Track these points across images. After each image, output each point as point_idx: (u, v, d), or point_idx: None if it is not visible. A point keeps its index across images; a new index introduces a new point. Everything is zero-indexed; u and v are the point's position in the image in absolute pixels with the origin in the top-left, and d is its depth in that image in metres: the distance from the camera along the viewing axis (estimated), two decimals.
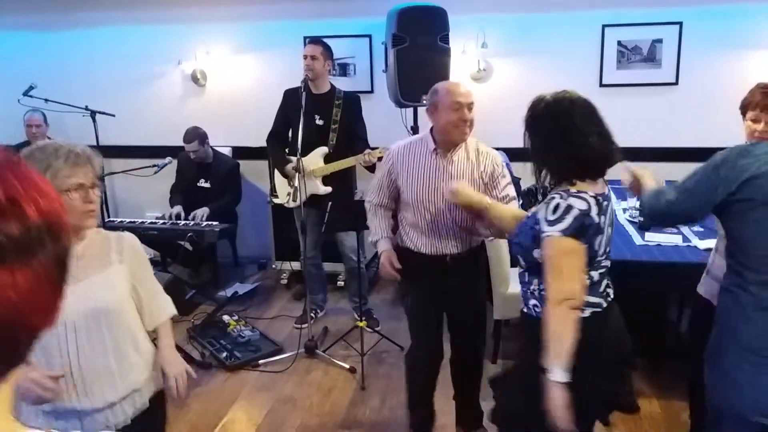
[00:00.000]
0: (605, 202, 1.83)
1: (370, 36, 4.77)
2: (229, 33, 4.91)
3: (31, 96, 4.43)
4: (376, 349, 3.65)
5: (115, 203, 4.81)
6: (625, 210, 3.65)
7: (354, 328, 3.69)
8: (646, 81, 4.48)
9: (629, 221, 3.50)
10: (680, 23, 4.36)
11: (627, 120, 4.51)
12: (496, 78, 4.67)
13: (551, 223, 1.76)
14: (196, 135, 4.39)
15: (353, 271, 3.99)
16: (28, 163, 1.00)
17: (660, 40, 4.42)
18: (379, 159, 3.72)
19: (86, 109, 4.51)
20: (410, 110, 4.42)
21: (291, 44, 4.61)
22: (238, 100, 5.00)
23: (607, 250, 1.91)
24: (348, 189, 4.14)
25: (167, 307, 1.97)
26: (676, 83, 4.44)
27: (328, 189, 3.86)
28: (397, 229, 2.79)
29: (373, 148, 3.69)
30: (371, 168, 3.81)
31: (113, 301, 1.77)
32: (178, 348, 2.16)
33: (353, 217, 3.53)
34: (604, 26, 4.46)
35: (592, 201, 1.77)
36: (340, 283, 4.57)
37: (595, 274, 1.86)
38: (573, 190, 1.79)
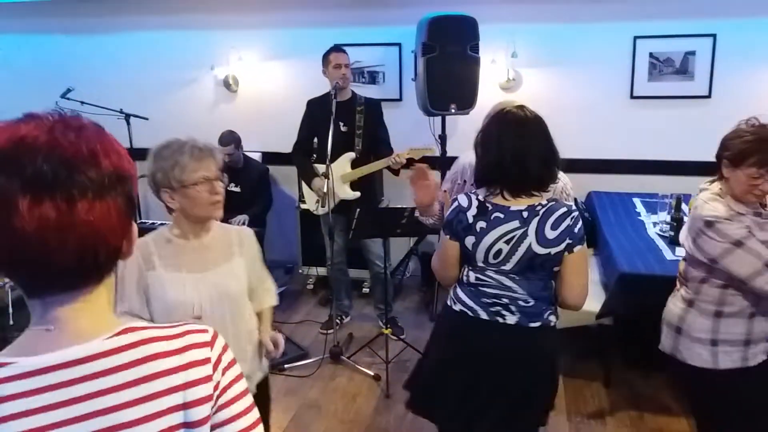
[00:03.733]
0: (498, 213, 1.90)
1: (399, 44, 4.80)
2: (261, 39, 4.98)
3: (68, 98, 4.54)
4: (400, 357, 3.67)
5: (147, 205, 4.89)
6: (655, 224, 3.62)
7: (379, 335, 3.71)
8: (678, 93, 4.43)
9: (659, 235, 3.47)
10: (714, 35, 4.31)
11: (658, 133, 4.49)
12: (525, 88, 4.67)
13: None
14: (231, 139, 4.47)
15: (379, 278, 4.02)
16: (159, 158, 1.73)
17: (693, 53, 4.37)
18: (408, 160, 3.75)
19: (121, 112, 4.61)
20: (438, 118, 4.45)
21: (321, 52, 4.64)
22: (268, 105, 5.07)
23: (503, 267, 1.93)
24: (374, 196, 4.17)
25: (272, 296, 2.12)
26: (709, 96, 4.39)
27: (357, 194, 3.89)
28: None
29: (419, 149, 3.74)
30: (397, 171, 3.84)
31: (237, 291, 1.90)
32: None
33: (379, 224, 3.57)
34: (635, 38, 4.42)
35: (475, 202, 1.94)
36: (365, 290, 4.60)
37: (472, 275, 1.99)
38: (473, 190, 2.00)
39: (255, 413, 0.95)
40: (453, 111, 4.26)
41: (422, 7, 4.40)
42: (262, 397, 2.05)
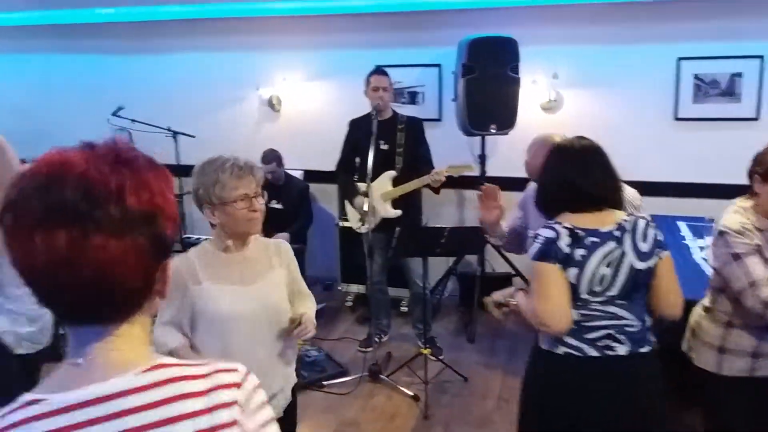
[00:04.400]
0: (592, 237, 1.84)
1: (439, 65, 4.86)
2: (305, 60, 5.10)
3: (119, 116, 4.72)
4: (439, 378, 3.66)
5: (192, 220, 5.02)
6: (701, 248, 3.55)
7: (418, 355, 3.71)
8: (724, 116, 4.36)
9: (706, 260, 3.40)
10: (761, 57, 4.24)
11: (703, 155, 4.42)
12: (566, 109, 4.66)
13: (531, 253, 1.92)
14: (273, 157, 4.57)
15: (418, 297, 4.03)
16: (201, 175, 1.79)
17: (740, 74, 4.30)
18: (448, 177, 3.77)
19: (169, 130, 4.76)
20: (478, 139, 4.47)
21: (362, 73, 4.71)
22: (310, 124, 5.17)
23: (609, 294, 1.84)
24: (415, 214, 4.19)
25: (312, 301, 2.14)
26: (757, 119, 4.30)
27: (398, 212, 3.92)
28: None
29: (458, 166, 3.78)
30: (437, 190, 3.86)
31: (279, 302, 1.95)
32: None
33: (420, 243, 3.59)
34: (679, 59, 4.38)
35: (564, 231, 1.84)
36: (404, 309, 4.61)
37: (574, 314, 1.85)
38: (550, 221, 1.92)
39: None
40: (493, 131, 4.28)
41: (462, 29, 4.46)
42: (296, 406, 2.09)
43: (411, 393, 3.52)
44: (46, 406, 0.79)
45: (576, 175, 1.89)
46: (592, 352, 1.85)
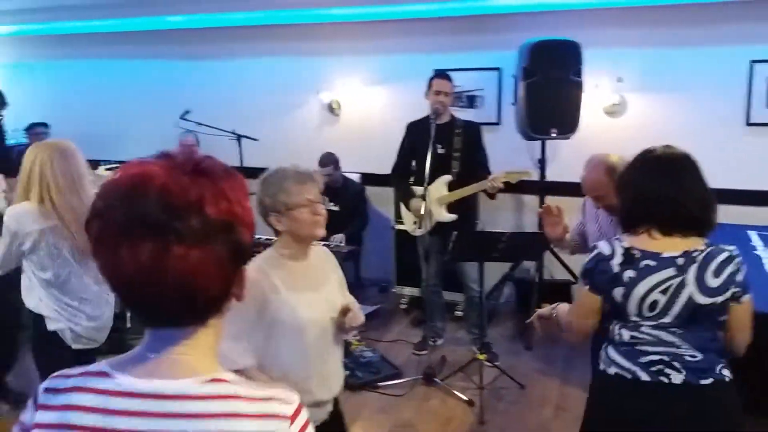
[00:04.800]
0: (649, 260, 1.73)
1: (499, 69, 4.82)
2: (364, 65, 5.16)
3: (186, 119, 4.90)
4: (495, 384, 3.63)
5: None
6: None
7: (473, 360, 3.68)
8: None
9: None
10: None
11: None
12: (631, 113, 4.54)
13: None
14: (331, 160, 4.65)
15: (473, 302, 4.00)
16: (266, 186, 1.83)
17: None
18: (505, 183, 3.73)
19: (233, 133, 4.91)
20: (538, 143, 4.41)
21: (420, 77, 4.73)
22: (368, 128, 5.23)
23: (662, 321, 1.75)
24: (471, 219, 4.17)
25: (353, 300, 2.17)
26: None
27: (453, 216, 3.91)
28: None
29: (515, 172, 3.75)
30: (493, 195, 3.83)
31: (339, 306, 2.00)
32: None
33: (477, 248, 3.57)
34: (752, 62, 4.20)
35: (620, 250, 1.77)
36: (458, 313, 4.59)
37: (626, 334, 1.80)
38: (615, 237, 1.86)
39: None
40: (554, 135, 4.21)
41: (523, 33, 4.41)
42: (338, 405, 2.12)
43: (466, 398, 3.50)
44: (112, 383, 0.84)
45: (671, 189, 1.76)
46: (644, 377, 1.78)
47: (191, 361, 0.86)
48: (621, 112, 4.55)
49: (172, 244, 0.78)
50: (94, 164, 5.77)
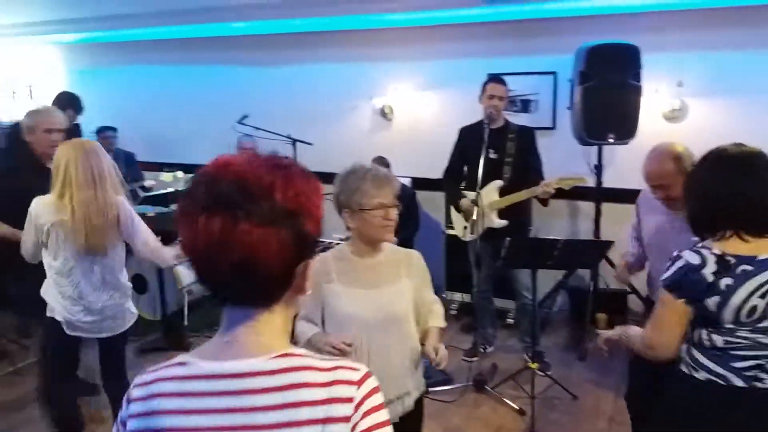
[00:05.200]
0: (745, 266, 1.64)
1: (554, 73, 4.75)
2: (417, 70, 5.18)
3: (244, 124, 5.02)
4: (547, 394, 3.57)
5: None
6: None
7: (525, 368, 3.63)
8: None
9: None
10: None
11: None
12: (692, 118, 4.40)
13: (665, 272, 1.77)
14: (382, 164, 4.66)
15: (525, 310, 3.95)
16: (344, 182, 1.92)
17: None
18: (558, 189, 3.67)
19: (288, 137, 5.00)
20: (594, 148, 4.31)
21: (474, 81, 4.70)
22: (419, 133, 5.24)
23: (760, 325, 1.67)
24: (523, 225, 4.11)
25: (439, 318, 2.15)
26: None
27: (504, 222, 3.87)
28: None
29: (569, 178, 3.69)
30: (545, 201, 3.77)
31: (402, 310, 2.01)
32: None
33: (530, 254, 3.51)
34: None
35: (712, 258, 1.68)
36: (510, 321, 4.54)
37: (718, 339, 1.72)
38: (699, 244, 1.74)
39: None
40: (611, 141, 4.12)
41: (580, 36, 4.34)
42: (418, 416, 2.11)
43: (517, 407, 3.45)
44: (191, 369, 0.92)
45: (755, 188, 1.69)
46: (738, 382, 1.71)
47: (261, 341, 0.93)
48: (681, 118, 4.41)
49: (240, 221, 0.86)
50: (158, 167, 6.01)
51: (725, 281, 1.66)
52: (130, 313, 2.84)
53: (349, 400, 0.90)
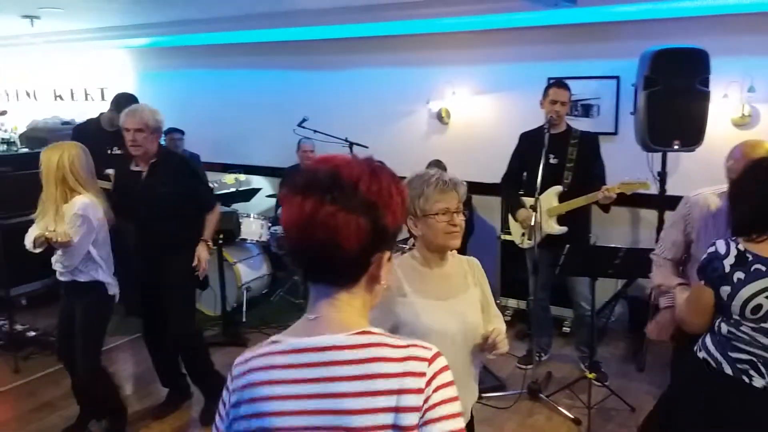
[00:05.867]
0: (759, 265, 1.78)
1: (618, 77, 4.65)
2: (475, 74, 5.16)
3: (303, 127, 5.12)
4: (603, 405, 3.49)
5: None
6: None
7: (581, 378, 3.57)
8: None
9: None
10: None
11: None
12: (764, 125, 4.22)
13: None
14: (438, 167, 4.67)
15: (583, 319, 3.88)
16: (409, 188, 1.82)
17: None
18: (620, 195, 3.59)
19: (345, 140, 5.06)
20: (658, 155, 4.20)
21: (533, 86, 4.66)
22: (476, 137, 5.22)
23: (764, 325, 1.81)
24: (582, 232, 4.04)
25: (501, 320, 2.12)
26: None
27: (564, 229, 3.82)
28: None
29: (631, 183, 3.61)
30: (606, 208, 3.69)
31: (475, 320, 1.96)
32: None
33: (590, 263, 3.46)
34: None
35: (734, 251, 1.83)
36: (566, 329, 4.46)
37: (724, 327, 1.89)
38: (732, 237, 1.89)
39: None
40: (676, 147, 4.00)
41: (645, 41, 4.23)
42: (470, 422, 2.08)
43: (572, 416, 3.40)
44: (282, 345, 1.05)
45: None
46: (727, 370, 1.87)
47: (342, 318, 1.05)
48: (752, 124, 4.25)
49: (327, 203, 0.99)
50: (222, 168, 6.20)
51: (738, 274, 1.82)
52: None
53: (422, 374, 0.99)
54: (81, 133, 4.55)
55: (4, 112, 4.87)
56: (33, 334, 4.43)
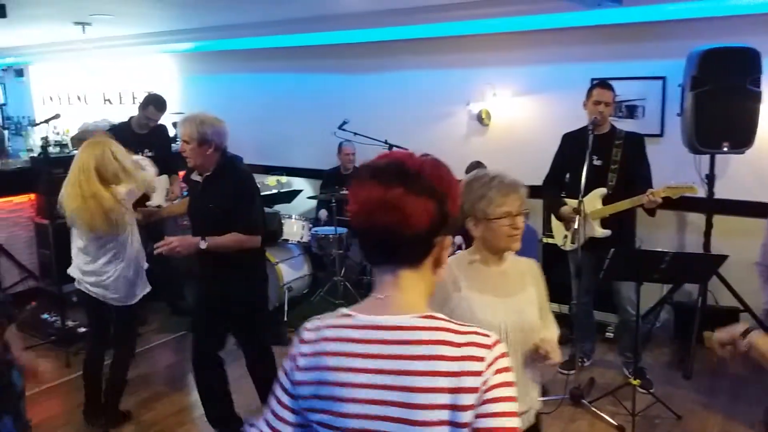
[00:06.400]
0: None
1: (664, 78, 4.55)
2: (517, 75, 5.12)
3: (344, 129, 5.17)
4: (648, 413, 3.42)
5: None
6: None
7: (625, 385, 3.51)
8: None
9: None
10: None
11: None
12: None
13: None
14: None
15: (627, 324, 3.81)
16: (468, 189, 1.92)
17: None
18: (665, 199, 3.51)
19: (385, 142, 5.09)
20: (706, 157, 4.10)
21: (575, 87, 4.59)
22: (517, 139, 5.18)
23: None
24: (627, 235, 3.96)
25: (555, 327, 2.10)
26: None
27: (607, 232, 3.75)
28: None
29: (677, 186, 3.51)
30: (652, 211, 3.62)
31: (533, 320, 1.94)
32: None
33: (635, 267, 3.39)
34: None
35: None
36: (609, 335, 4.39)
37: None
38: None
39: (515, 421, 1.05)
40: (725, 149, 3.90)
41: (692, 40, 4.14)
42: (536, 429, 2.02)
43: (615, 423, 3.34)
44: (354, 320, 1.12)
45: None
46: None
47: (408, 300, 1.12)
48: None
49: (394, 186, 1.07)
50: (264, 170, 6.30)
51: None
52: None
53: (481, 359, 1.04)
54: (114, 137, 4.68)
55: (57, 116, 5.02)
56: (83, 330, 4.58)
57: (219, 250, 3.02)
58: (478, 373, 1.03)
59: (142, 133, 4.89)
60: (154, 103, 4.93)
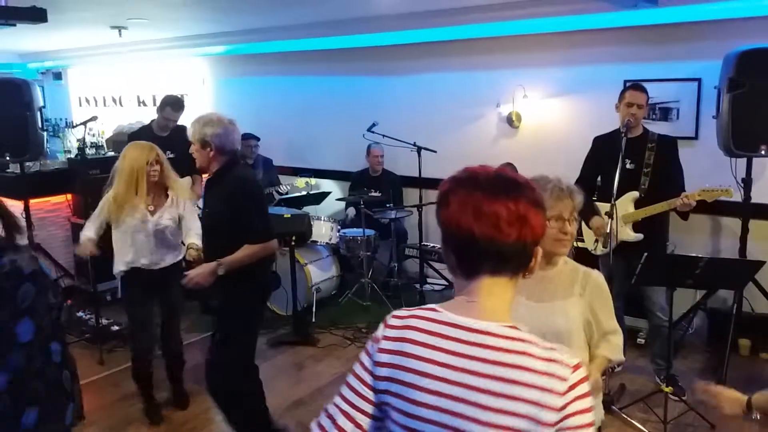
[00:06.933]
0: None
1: (699, 79, 4.46)
2: (547, 77, 5.07)
3: (373, 132, 5.19)
4: (681, 421, 3.36)
5: (427, 229, 5.31)
6: None
7: (657, 392, 3.44)
8: None
9: None
10: None
11: None
12: None
13: None
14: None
15: (659, 330, 3.74)
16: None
17: None
18: (700, 202, 3.44)
19: (414, 145, 5.09)
20: (742, 160, 4.00)
21: (607, 88, 4.53)
22: (547, 141, 5.13)
23: None
24: (659, 240, 3.89)
25: (613, 349, 2.05)
26: None
27: (639, 236, 3.70)
28: None
29: (712, 190, 3.46)
30: (685, 215, 3.55)
31: (563, 329, 1.91)
32: None
33: (668, 272, 3.32)
34: None
35: None
36: (640, 341, 4.31)
37: None
38: None
39: None
40: (763, 153, 3.80)
41: (729, 41, 4.06)
42: None
43: (646, 430, 3.28)
44: (439, 315, 1.15)
45: None
46: None
47: (496, 308, 1.13)
48: None
49: (519, 200, 1.09)
50: (293, 171, 6.36)
51: None
52: None
53: (564, 379, 1.05)
54: (135, 140, 4.73)
55: (94, 118, 5.15)
56: (117, 328, 4.68)
57: (237, 266, 2.87)
58: (560, 394, 1.04)
59: (163, 136, 4.95)
60: (171, 104, 4.99)
